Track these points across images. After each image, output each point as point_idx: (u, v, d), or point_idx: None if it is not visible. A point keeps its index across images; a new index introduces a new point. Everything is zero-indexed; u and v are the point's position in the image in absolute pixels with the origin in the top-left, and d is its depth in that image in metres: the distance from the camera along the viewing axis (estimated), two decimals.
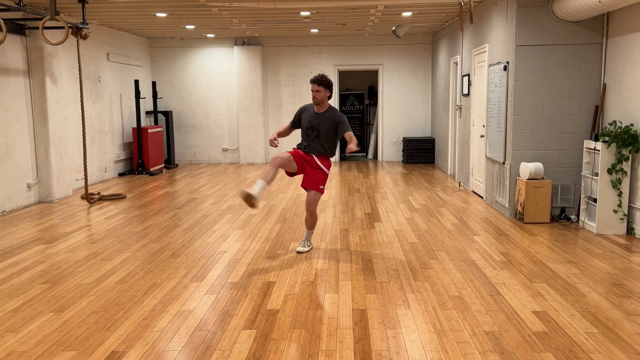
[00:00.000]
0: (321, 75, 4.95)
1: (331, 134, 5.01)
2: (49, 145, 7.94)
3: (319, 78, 4.93)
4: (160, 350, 3.19)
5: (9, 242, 5.70)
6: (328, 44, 12.43)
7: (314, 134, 5.02)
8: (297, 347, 3.21)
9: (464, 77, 9.00)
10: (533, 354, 3.10)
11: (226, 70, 12.53)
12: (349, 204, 7.62)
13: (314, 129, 5.01)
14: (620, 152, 5.61)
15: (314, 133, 5.02)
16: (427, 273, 4.55)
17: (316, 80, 4.92)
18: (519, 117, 6.50)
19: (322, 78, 4.93)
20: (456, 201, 7.72)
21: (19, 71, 7.61)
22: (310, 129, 5.03)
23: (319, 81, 4.92)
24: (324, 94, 4.95)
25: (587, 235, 5.75)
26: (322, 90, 4.93)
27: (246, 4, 7.69)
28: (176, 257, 5.12)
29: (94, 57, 9.75)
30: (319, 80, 4.92)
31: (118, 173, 10.75)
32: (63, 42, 6.89)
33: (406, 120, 12.67)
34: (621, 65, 5.93)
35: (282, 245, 5.48)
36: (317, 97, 4.94)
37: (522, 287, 4.20)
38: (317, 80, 4.92)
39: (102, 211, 7.29)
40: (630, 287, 4.17)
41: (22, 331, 3.48)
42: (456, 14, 9.08)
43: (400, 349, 3.17)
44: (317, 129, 5.00)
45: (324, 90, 4.93)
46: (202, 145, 12.79)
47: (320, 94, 4.93)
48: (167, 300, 4.00)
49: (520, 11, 6.34)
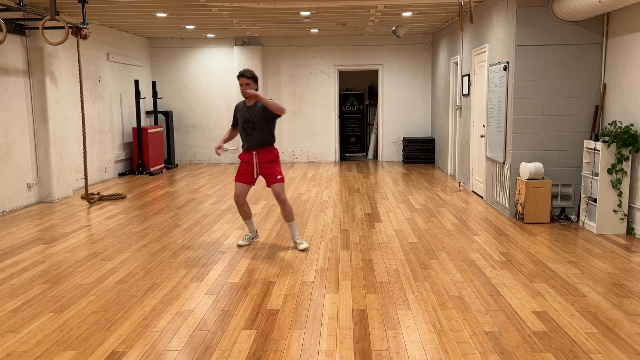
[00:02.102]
0: (248, 70, 5.13)
1: (266, 120, 5.16)
2: (49, 145, 7.94)
3: (245, 72, 5.09)
4: (160, 350, 3.19)
5: (9, 242, 5.70)
6: (328, 44, 12.43)
7: (250, 126, 5.17)
8: (297, 347, 3.21)
9: (464, 77, 9.00)
10: (533, 354, 3.10)
11: (226, 70, 12.53)
12: (349, 204, 7.62)
13: (248, 122, 5.17)
14: (620, 152, 5.61)
15: (250, 126, 5.17)
16: (427, 273, 4.55)
17: (243, 74, 5.08)
18: (519, 117, 6.50)
19: (249, 72, 5.10)
20: (456, 201, 7.72)
21: (19, 71, 7.61)
22: (246, 122, 5.19)
23: (247, 75, 5.08)
24: (253, 86, 5.12)
25: (587, 235, 5.75)
26: (251, 84, 5.10)
27: (246, 4, 7.69)
28: (176, 257, 5.12)
29: (94, 57, 9.75)
30: (246, 74, 5.08)
31: (118, 173, 10.75)
32: (63, 42, 6.89)
33: (406, 120, 12.67)
34: (621, 65, 5.93)
35: (282, 245, 5.48)
36: (247, 90, 5.09)
37: (522, 287, 4.20)
38: (244, 74, 5.08)
39: (102, 211, 7.29)
40: (630, 287, 4.17)
41: (22, 331, 3.48)
42: (456, 14, 9.08)
43: (400, 349, 3.17)
44: (252, 121, 5.16)
45: (252, 83, 5.10)
46: (202, 145, 12.79)
47: (250, 87, 5.09)
48: (167, 300, 4.00)
49: (520, 11, 6.34)
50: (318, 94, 12.63)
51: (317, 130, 12.75)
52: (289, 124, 12.71)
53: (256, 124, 5.15)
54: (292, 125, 12.72)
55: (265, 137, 5.20)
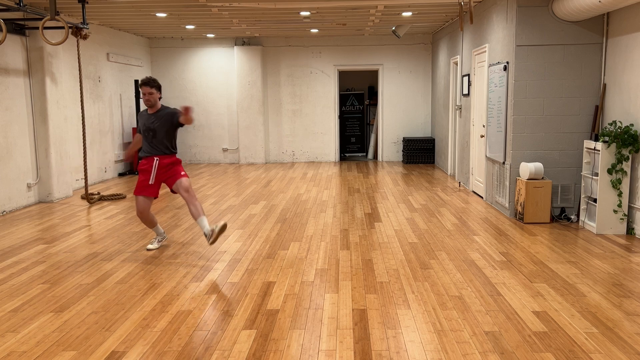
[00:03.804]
0: (151, 78, 5.09)
1: (168, 129, 5.10)
2: (49, 145, 7.94)
3: (149, 81, 5.05)
4: (160, 350, 3.19)
5: (9, 242, 5.70)
6: (328, 44, 12.43)
7: (150, 134, 5.10)
8: (297, 347, 3.21)
9: (464, 77, 9.00)
10: (533, 354, 3.10)
11: (226, 70, 12.54)
12: (349, 204, 7.62)
13: (149, 129, 5.10)
14: (620, 152, 5.61)
15: (150, 134, 5.10)
16: (427, 273, 4.55)
17: (147, 82, 5.04)
18: (519, 117, 6.50)
19: (152, 80, 5.06)
20: (456, 201, 7.72)
21: (19, 71, 7.61)
22: (147, 130, 5.10)
23: (151, 84, 5.04)
24: (157, 95, 5.09)
25: (587, 235, 5.75)
26: (154, 92, 5.06)
27: (246, 4, 7.69)
28: (176, 257, 5.12)
29: (94, 57, 9.75)
30: (150, 83, 5.03)
31: (118, 173, 10.75)
32: (63, 42, 6.89)
33: (406, 120, 12.67)
34: (621, 65, 5.93)
35: (282, 245, 5.48)
36: (151, 100, 5.06)
37: (522, 287, 4.20)
38: (148, 82, 5.04)
39: (102, 211, 7.29)
40: (630, 287, 4.17)
41: (22, 331, 3.48)
42: (456, 14, 9.08)
43: (400, 349, 3.17)
44: (152, 129, 5.09)
45: (156, 92, 5.07)
46: (202, 145, 12.79)
47: (154, 95, 5.07)
48: (167, 300, 4.00)
49: (520, 11, 6.34)
50: (318, 94, 12.63)
51: (317, 130, 12.75)
52: (289, 124, 12.71)
53: (157, 132, 5.06)
54: (292, 125, 12.72)
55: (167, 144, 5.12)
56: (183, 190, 5.08)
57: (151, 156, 5.12)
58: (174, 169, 5.16)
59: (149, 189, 5.13)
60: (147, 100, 5.05)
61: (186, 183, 5.10)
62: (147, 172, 5.12)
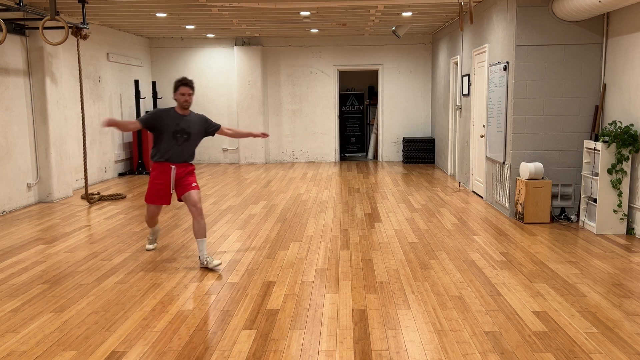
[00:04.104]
0: (189, 79, 4.85)
1: (200, 135, 4.94)
2: (49, 145, 7.94)
3: (189, 81, 4.82)
4: (160, 350, 3.19)
5: (9, 242, 5.70)
6: (328, 44, 12.43)
7: (183, 137, 4.81)
8: (297, 347, 3.21)
9: (464, 77, 9.00)
10: (533, 354, 3.10)
11: (226, 70, 12.54)
12: (349, 204, 7.62)
13: (184, 132, 4.81)
14: (620, 152, 5.61)
15: (183, 136, 4.81)
16: (427, 273, 4.55)
17: (187, 83, 4.80)
18: (519, 117, 6.50)
19: (191, 81, 4.85)
20: (456, 201, 7.72)
21: (19, 71, 7.61)
22: (179, 132, 4.80)
23: (191, 84, 4.83)
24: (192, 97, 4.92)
25: (587, 235, 5.75)
26: (192, 94, 4.86)
27: (246, 4, 7.69)
28: (176, 257, 5.12)
29: (94, 57, 9.75)
30: (190, 84, 4.82)
31: (118, 173, 10.75)
32: (63, 42, 6.89)
33: (406, 120, 12.67)
34: (621, 65, 5.93)
35: (282, 245, 5.48)
36: (190, 101, 4.83)
37: (522, 287, 4.20)
38: (188, 83, 4.81)
39: (102, 211, 7.29)
40: (630, 287, 4.17)
41: (22, 331, 3.48)
42: (456, 14, 9.08)
43: (400, 349, 3.17)
44: (188, 132, 4.82)
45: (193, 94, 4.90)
46: (201, 145, 12.76)
47: (192, 97, 4.86)
48: (167, 300, 4.00)
49: (520, 11, 6.34)
50: (318, 94, 12.63)
51: (317, 130, 12.75)
52: (289, 124, 12.71)
53: (191, 135, 4.84)
54: (292, 125, 12.72)
55: (192, 152, 4.93)
56: (191, 204, 4.81)
57: (167, 163, 4.82)
58: (188, 178, 4.88)
59: (163, 199, 4.91)
60: (186, 101, 4.78)
61: (195, 197, 4.81)
62: (163, 182, 4.86)
